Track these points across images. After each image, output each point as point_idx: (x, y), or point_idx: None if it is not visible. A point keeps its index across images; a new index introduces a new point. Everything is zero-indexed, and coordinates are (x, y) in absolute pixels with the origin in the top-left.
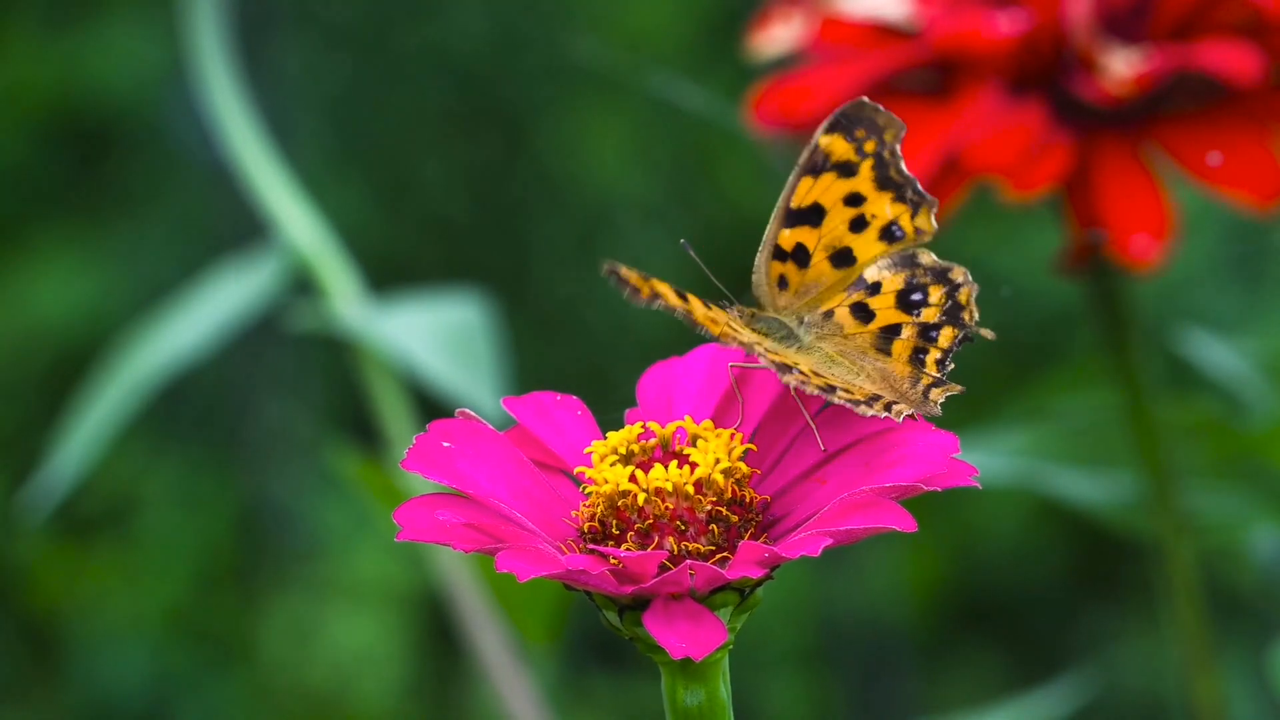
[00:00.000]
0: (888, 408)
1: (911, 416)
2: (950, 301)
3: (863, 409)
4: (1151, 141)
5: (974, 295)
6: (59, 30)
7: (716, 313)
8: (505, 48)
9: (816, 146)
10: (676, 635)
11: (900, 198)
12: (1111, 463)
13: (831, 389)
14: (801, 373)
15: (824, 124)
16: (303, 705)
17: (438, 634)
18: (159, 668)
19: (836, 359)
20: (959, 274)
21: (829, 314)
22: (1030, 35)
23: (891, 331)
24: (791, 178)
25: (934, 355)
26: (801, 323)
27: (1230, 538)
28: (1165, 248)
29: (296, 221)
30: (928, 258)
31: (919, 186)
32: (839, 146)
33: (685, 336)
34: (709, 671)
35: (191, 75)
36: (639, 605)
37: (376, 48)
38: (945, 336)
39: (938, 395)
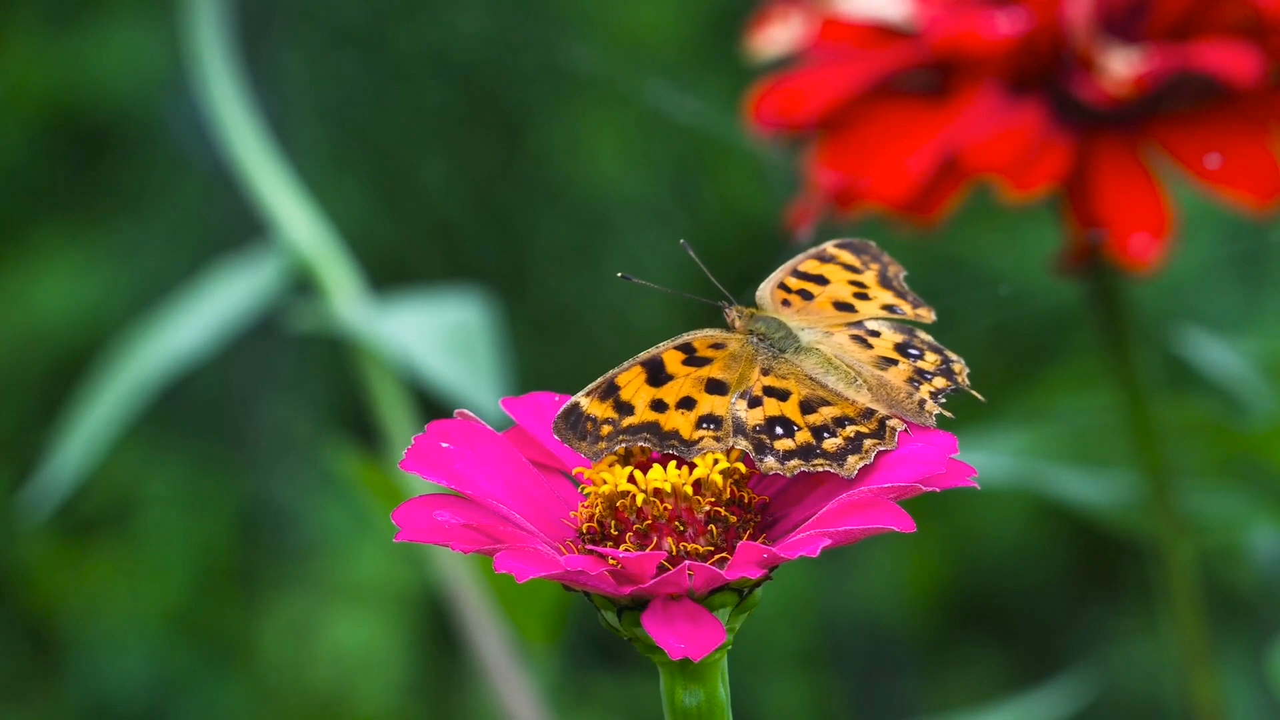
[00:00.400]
0: (880, 426)
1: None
2: (944, 366)
3: (846, 464)
4: (1150, 142)
5: (967, 374)
6: (59, 30)
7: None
8: (505, 48)
9: (824, 249)
10: (675, 636)
11: (901, 295)
12: (1111, 463)
13: (817, 443)
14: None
15: (833, 240)
16: (303, 705)
17: (438, 634)
18: (159, 668)
19: (834, 363)
20: (954, 355)
21: (830, 333)
22: (1029, 35)
23: (889, 361)
24: (800, 255)
25: (928, 389)
26: (801, 327)
27: (1229, 538)
28: (1164, 248)
29: (297, 221)
30: (926, 336)
31: (918, 298)
32: (846, 256)
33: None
34: (708, 672)
35: (192, 75)
36: (638, 606)
37: (376, 48)
38: (937, 383)
39: (933, 408)
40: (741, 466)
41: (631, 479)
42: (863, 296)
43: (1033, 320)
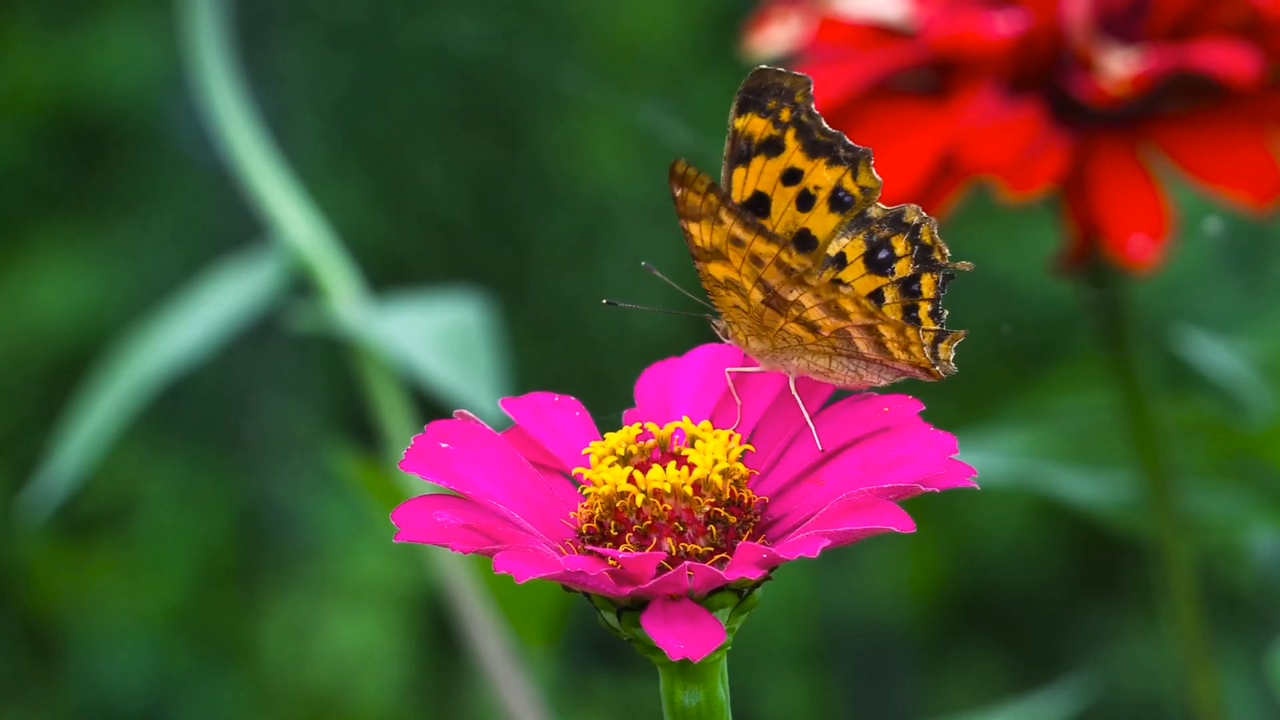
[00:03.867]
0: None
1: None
2: (916, 246)
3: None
4: (1149, 142)
5: (935, 230)
6: (59, 30)
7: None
8: (505, 48)
9: (735, 132)
10: (675, 636)
11: (835, 160)
12: (1111, 463)
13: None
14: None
15: (734, 105)
16: (303, 705)
17: (437, 634)
18: (159, 668)
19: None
20: (912, 214)
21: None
22: (1028, 35)
23: (876, 299)
24: (723, 174)
25: (925, 308)
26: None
27: (1229, 538)
28: (1163, 248)
29: (296, 222)
30: (877, 210)
31: (848, 141)
32: (756, 125)
33: (684, 337)
34: (707, 672)
35: (191, 75)
36: (637, 606)
37: (376, 48)
38: (927, 285)
39: (945, 351)
40: (741, 467)
41: (631, 479)
42: (806, 200)
43: (1032, 320)
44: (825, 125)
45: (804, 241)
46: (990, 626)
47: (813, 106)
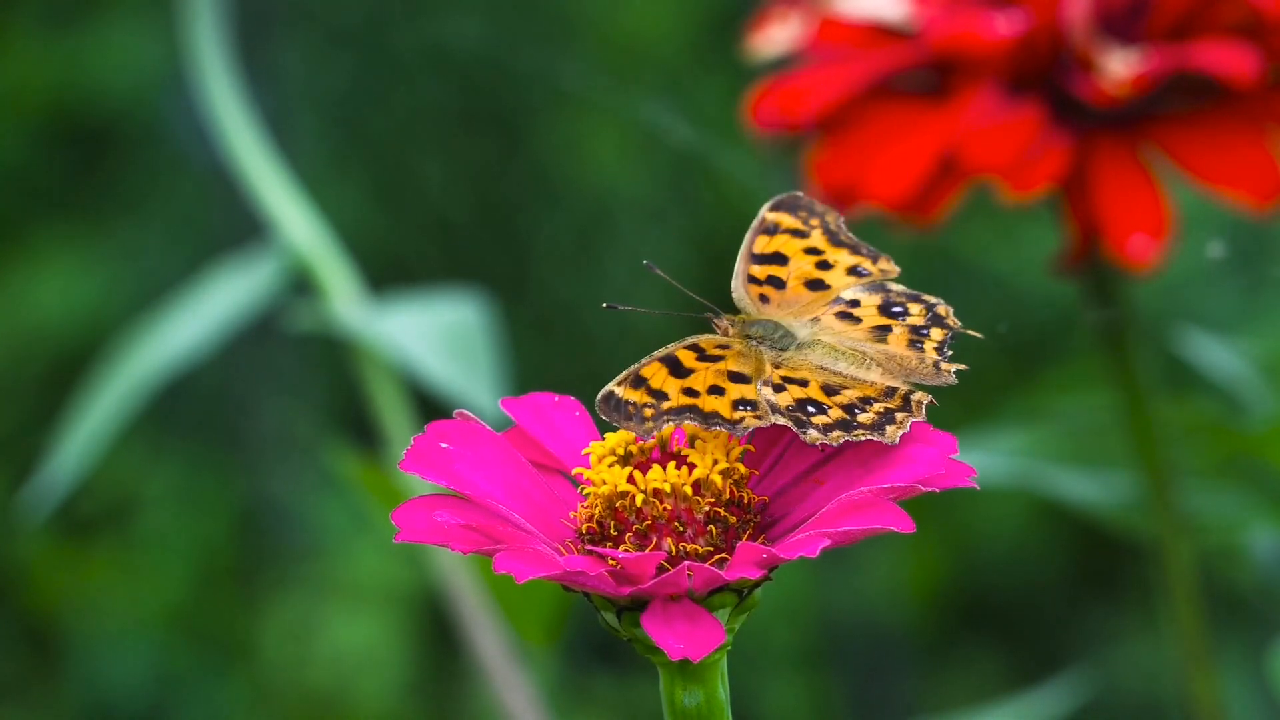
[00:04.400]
0: (904, 401)
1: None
2: (931, 314)
3: (886, 433)
4: (1149, 142)
5: (951, 312)
6: (59, 30)
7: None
8: (505, 48)
9: (764, 219)
10: (675, 636)
11: (855, 251)
12: (1110, 463)
13: (851, 417)
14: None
15: (766, 205)
16: (303, 705)
17: (437, 634)
18: (159, 668)
19: (840, 350)
20: (932, 298)
21: (816, 319)
22: (1028, 36)
23: (883, 330)
24: (749, 234)
25: (931, 345)
26: (792, 321)
27: (1229, 538)
28: (1163, 248)
29: (295, 222)
30: (897, 286)
31: (870, 247)
32: (786, 220)
33: (684, 337)
34: (707, 672)
35: (191, 75)
36: (637, 606)
37: (376, 48)
38: (935, 335)
39: (948, 367)
40: (741, 467)
41: (631, 479)
42: (825, 266)
43: (1032, 320)
44: (852, 236)
45: (817, 286)
46: (990, 626)
47: (842, 224)
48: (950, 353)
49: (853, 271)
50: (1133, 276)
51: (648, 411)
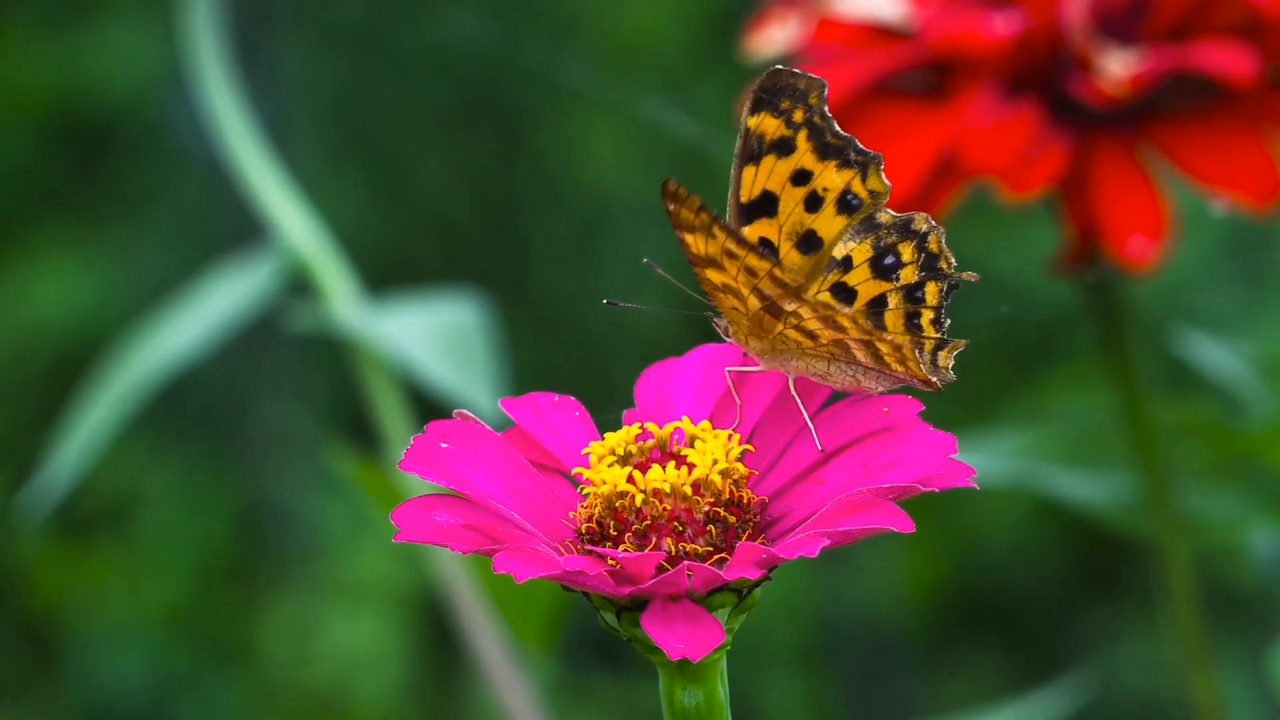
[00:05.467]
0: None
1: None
2: (923, 254)
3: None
4: (1148, 142)
5: (943, 239)
6: (59, 30)
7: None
8: (505, 47)
9: (748, 130)
10: (674, 636)
11: (845, 163)
12: (1110, 463)
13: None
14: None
15: (746, 104)
16: (303, 705)
17: (437, 634)
18: (159, 668)
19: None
20: (921, 222)
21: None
22: (1026, 36)
23: (879, 304)
24: (734, 170)
25: (927, 316)
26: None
27: (1229, 538)
28: (1162, 248)
29: (295, 222)
30: (886, 215)
31: (859, 145)
32: (769, 124)
33: (684, 337)
34: (707, 672)
35: (190, 75)
36: (637, 606)
37: (376, 48)
38: (930, 293)
39: (945, 359)
40: (741, 467)
41: (631, 479)
42: (815, 201)
43: (1032, 320)
44: (838, 128)
45: (809, 242)
46: (990, 626)
47: (826, 109)
48: (947, 321)
49: (843, 204)
50: (1132, 277)
51: None
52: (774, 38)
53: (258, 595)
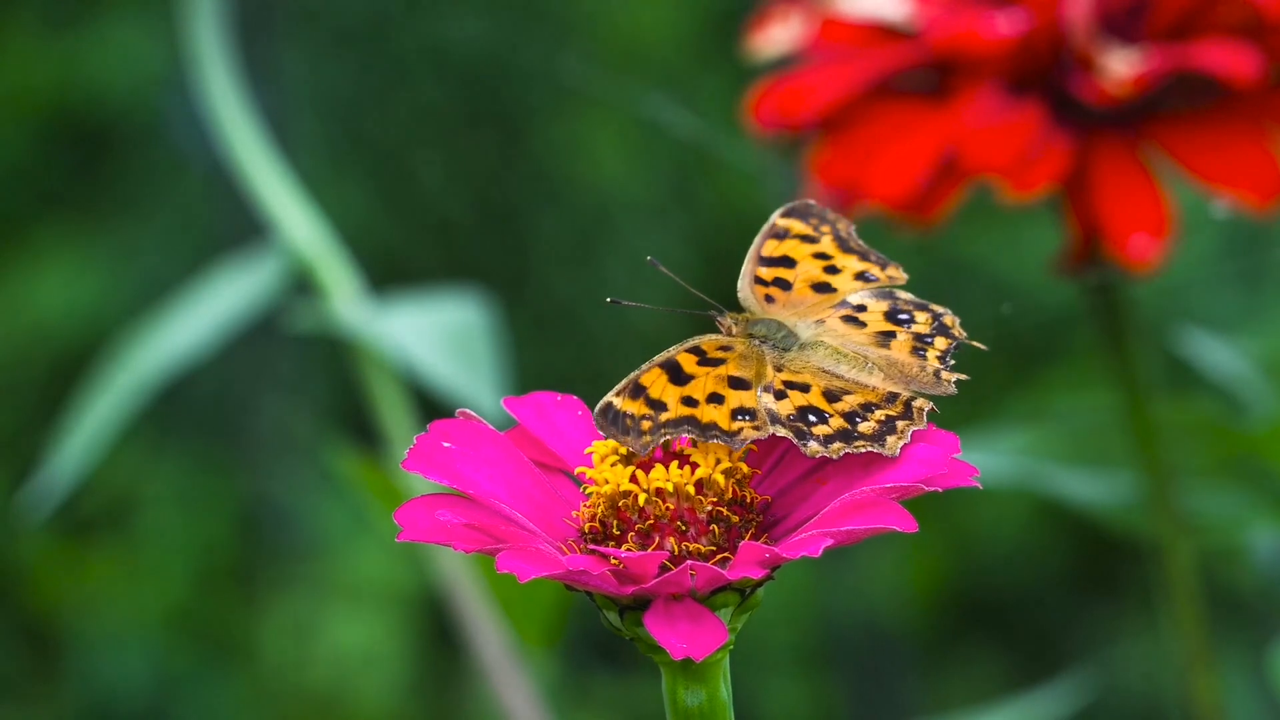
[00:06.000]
0: (906, 408)
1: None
2: (937, 323)
3: (887, 444)
4: (1150, 142)
5: (958, 322)
6: (59, 30)
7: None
8: (505, 47)
9: (774, 224)
10: (677, 635)
11: (865, 258)
12: (1111, 463)
13: (852, 427)
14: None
15: (778, 211)
16: (303, 705)
17: (438, 634)
18: (159, 668)
19: (842, 353)
20: (939, 307)
21: (821, 321)
22: (1029, 36)
23: (887, 335)
24: (758, 238)
25: (934, 353)
26: (796, 322)
27: (1230, 538)
28: (1164, 247)
29: (296, 221)
30: (905, 294)
31: (880, 254)
32: (797, 225)
33: (685, 336)
34: (710, 672)
35: (191, 75)
36: (640, 605)
37: (377, 47)
38: (939, 344)
39: (949, 376)
40: (744, 466)
41: (634, 479)
42: (833, 270)
43: (1033, 320)
44: (862, 244)
45: (823, 289)
46: (990, 626)
47: (853, 231)
48: (953, 362)
49: (860, 277)
50: (1134, 276)
51: (645, 425)
52: (776, 37)
53: (258, 595)
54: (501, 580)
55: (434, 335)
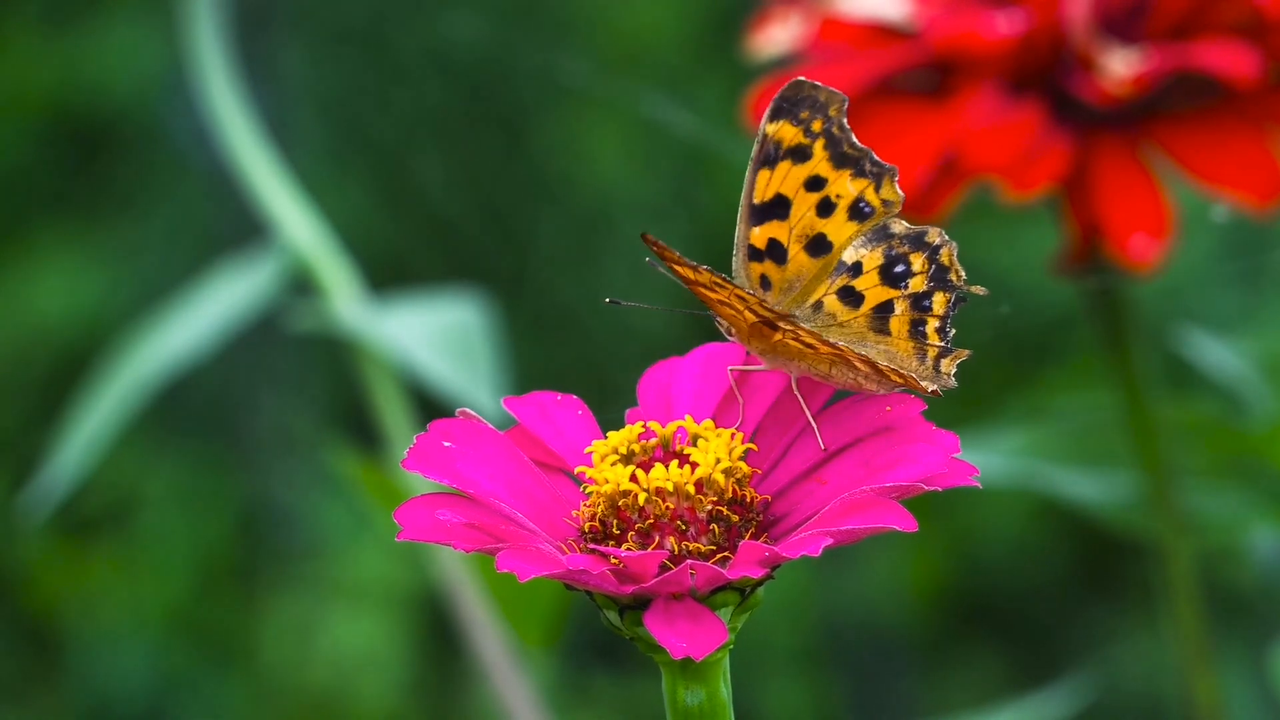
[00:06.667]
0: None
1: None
2: (934, 266)
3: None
4: (1150, 141)
5: (955, 253)
6: (59, 30)
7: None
8: (505, 47)
9: (765, 136)
10: (677, 635)
11: (860, 172)
12: (1111, 463)
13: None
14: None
15: (767, 111)
16: (303, 705)
17: (438, 634)
18: (159, 667)
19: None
20: (935, 235)
21: (818, 305)
22: (1029, 35)
23: (885, 309)
24: (748, 173)
25: (932, 324)
26: (797, 313)
27: (1230, 538)
28: (1164, 247)
29: (296, 221)
30: (900, 225)
31: (875, 157)
32: (787, 131)
33: (686, 336)
34: (709, 671)
35: (191, 75)
36: (640, 605)
37: (376, 47)
38: (938, 302)
39: (948, 366)
40: (744, 466)
41: (633, 478)
42: (827, 206)
43: (1033, 320)
44: (855, 140)
45: (819, 245)
46: (990, 626)
47: (845, 122)
48: (952, 330)
49: (855, 211)
50: (1134, 276)
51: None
52: (776, 37)
53: (258, 595)
54: (501, 580)
55: (434, 335)
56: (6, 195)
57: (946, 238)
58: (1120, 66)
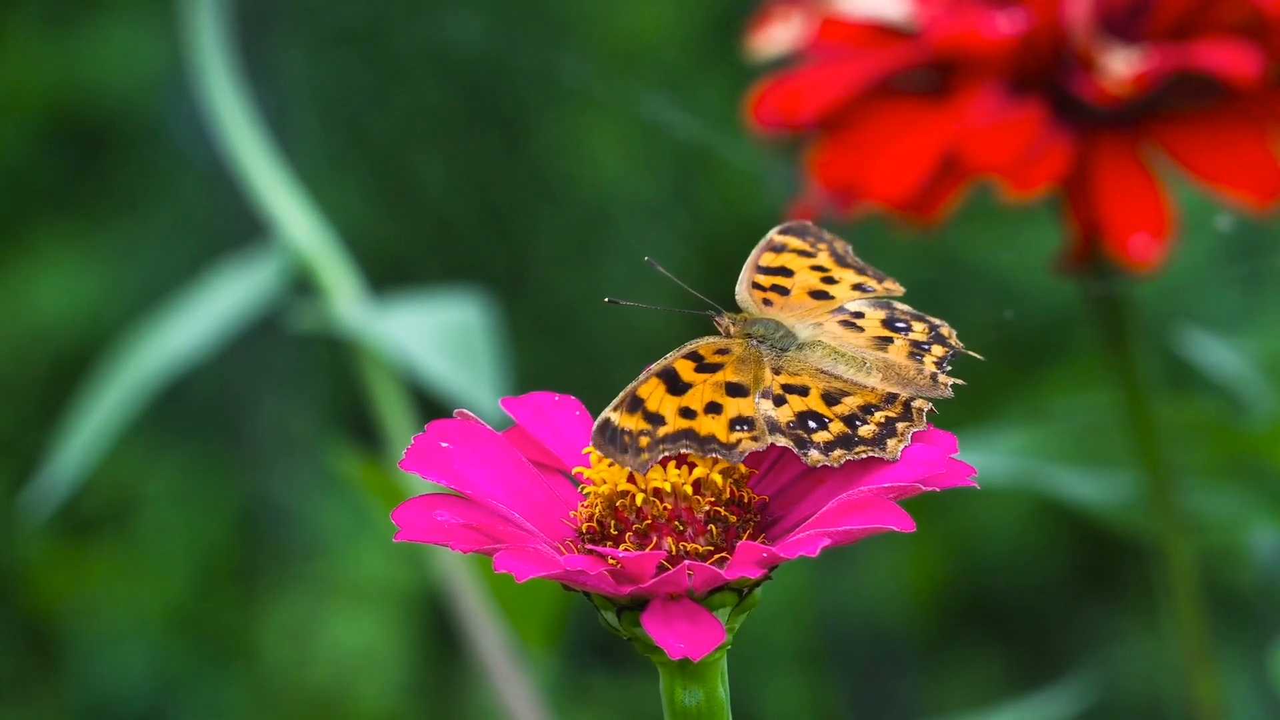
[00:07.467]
0: (905, 409)
1: (924, 415)
2: (934, 333)
3: (887, 448)
4: (1151, 141)
5: (955, 334)
6: (59, 30)
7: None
8: (505, 47)
9: (771, 239)
10: (675, 635)
11: (862, 273)
12: (1111, 463)
13: (852, 432)
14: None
15: (775, 229)
16: (303, 705)
17: (438, 634)
18: (159, 667)
19: (840, 353)
20: (936, 320)
21: (819, 323)
22: (1029, 35)
23: (885, 340)
24: (755, 251)
25: (930, 359)
26: (794, 323)
27: (1230, 538)
28: (1165, 247)
29: (296, 221)
30: (903, 306)
31: (877, 270)
32: (794, 242)
33: (685, 336)
34: (707, 672)
35: (191, 75)
36: (637, 605)
37: (377, 47)
38: (936, 351)
39: (946, 380)
40: (742, 466)
41: (631, 479)
42: (830, 280)
43: (1033, 320)
44: (859, 261)
45: (821, 296)
46: (990, 626)
47: (849, 250)
48: (949, 368)
49: (858, 288)
50: (1134, 276)
51: (643, 441)
52: (777, 37)
53: (258, 595)
54: (501, 580)
55: (434, 335)
56: (6, 195)
57: (947, 325)
58: (1121, 66)
